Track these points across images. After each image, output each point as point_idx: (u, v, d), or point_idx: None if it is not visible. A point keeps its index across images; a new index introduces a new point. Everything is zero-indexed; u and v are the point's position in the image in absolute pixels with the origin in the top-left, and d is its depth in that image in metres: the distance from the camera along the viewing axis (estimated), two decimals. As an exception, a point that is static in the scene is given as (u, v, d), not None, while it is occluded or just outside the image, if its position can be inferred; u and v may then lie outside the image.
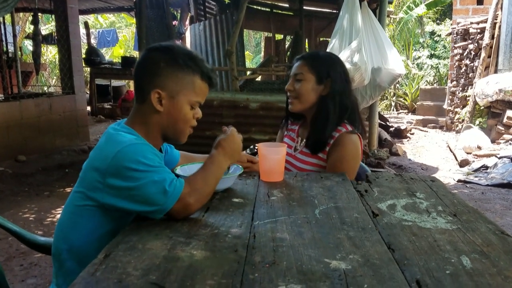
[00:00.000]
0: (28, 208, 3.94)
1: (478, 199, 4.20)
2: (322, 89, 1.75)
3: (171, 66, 1.24)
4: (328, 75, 1.74)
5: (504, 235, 1.07)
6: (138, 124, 1.28)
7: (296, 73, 1.77)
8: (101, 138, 1.28)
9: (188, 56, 1.27)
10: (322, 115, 1.74)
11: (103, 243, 1.03)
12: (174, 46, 1.28)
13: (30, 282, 2.60)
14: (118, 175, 1.13)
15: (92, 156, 1.23)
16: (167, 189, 1.12)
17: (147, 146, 1.20)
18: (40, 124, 5.78)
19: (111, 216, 1.20)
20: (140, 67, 1.28)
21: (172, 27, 7.00)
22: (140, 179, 1.11)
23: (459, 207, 1.26)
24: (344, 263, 0.91)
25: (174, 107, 1.26)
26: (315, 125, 1.76)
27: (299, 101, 1.77)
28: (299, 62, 1.80)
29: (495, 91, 6.40)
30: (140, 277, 0.84)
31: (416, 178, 1.57)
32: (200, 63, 1.29)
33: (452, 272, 0.88)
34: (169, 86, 1.24)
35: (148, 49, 1.31)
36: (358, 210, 1.23)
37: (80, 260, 1.20)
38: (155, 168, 1.15)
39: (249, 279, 0.85)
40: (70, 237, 1.24)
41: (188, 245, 1.00)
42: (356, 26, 4.51)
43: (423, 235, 1.06)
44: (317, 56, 1.82)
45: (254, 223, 1.15)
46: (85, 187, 1.21)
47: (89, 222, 1.22)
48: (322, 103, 1.75)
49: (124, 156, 1.13)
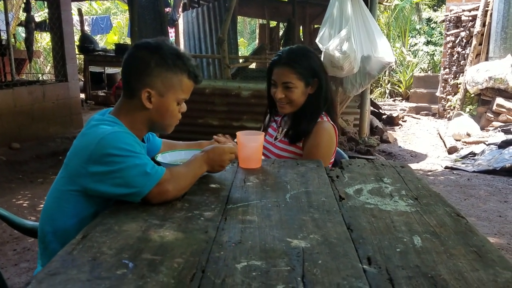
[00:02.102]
0: (22, 195, 4.02)
1: (463, 185, 4.29)
2: (309, 89, 1.81)
3: (161, 66, 1.31)
4: (314, 75, 1.78)
5: (459, 217, 1.15)
6: (124, 116, 1.34)
7: (285, 82, 1.77)
8: (85, 125, 1.35)
9: (176, 55, 1.33)
10: (307, 110, 1.80)
11: (84, 226, 1.10)
12: (162, 45, 1.33)
13: (23, 266, 2.69)
14: (100, 162, 1.19)
15: (76, 144, 1.29)
16: (148, 171, 1.20)
17: (129, 134, 1.27)
18: (34, 112, 5.82)
19: (94, 201, 1.27)
20: (130, 65, 1.34)
21: (164, 14, 6.99)
22: (121, 163, 1.19)
23: (422, 191, 1.34)
24: (304, 242, 0.99)
25: (162, 104, 1.34)
26: (299, 118, 1.81)
27: (291, 106, 1.80)
28: (282, 67, 1.77)
29: (485, 79, 6.47)
30: (113, 255, 0.91)
31: (387, 164, 1.64)
32: (188, 62, 1.35)
33: (402, 250, 0.96)
34: (158, 85, 1.31)
35: (136, 46, 1.37)
36: (327, 195, 1.31)
37: (63, 242, 1.26)
38: (136, 154, 1.22)
39: (215, 256, 0.92)
40: (55, 220, 1.31)
41: (161, 227, 1.07)
42: (346, 15, 4.55)
43: (382, 217, 1.13)
44: (300, 58, 1.79)
45: (227, 206, 1.22)
46: (69, 172, 1.28)
47: (73, 206, 1.28)
48: (309, 101, 1.81)
49: (106, 143, 1.19)
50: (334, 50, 4.32)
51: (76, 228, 1.24)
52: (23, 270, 2.64)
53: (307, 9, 8.84)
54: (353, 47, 4.37)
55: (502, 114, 6.25)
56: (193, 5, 8.14)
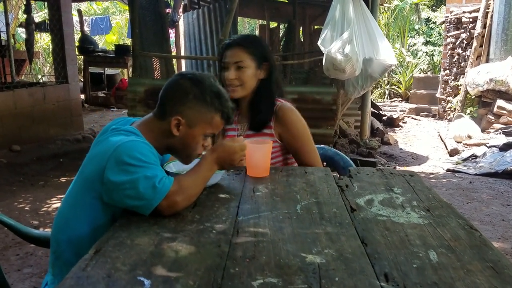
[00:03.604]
0: (23, 198, 4.00)
1: (465, 188, 4.29)
2: (260, 73, 1.83)
3: (198, 100, 1.33)
4: (265, 58, 1.82)
5: (472, 230, 1.14)
6: (148, 131, 1.35)
7: (237, 61, 1.78)
8: (102, 133, 1.36)
9: (216, 94, 1.35)
10: (262, 97, 1.84)
11: (100, 235, 1.11)
12: (205, 80, 1.36)
13: (26, 272, 2.67)
14: (114, 169, 1.20)
15: (92, 151, 1.31)
16: (156, 185, 1.19)
17: (145, 144, 1.27)
18: (34, 114, 5.80)
19: (110, 208, 1.27)
20: (170, 89, 1.37)
21: (165, 15, 6.98)
22: (134, 173, 1.18)
23: (433, 202, 1.33)
24: (319, 257, 0.98)
25: (189, 135, 1.35)
26: (257, 107, 1.85)
27: (242, 88, 1.81)
28: (234, 48, 1.80)
29: (486, 81, 6.47)
30: (128, 272, 0.90)
31: (396, 173, 1.63)
32: (225, 103, 1.37)
33: (419, 266, 0.95)
34: (190, 116, 1.33)
35: (182, 74, 1.41)
36: (338, 206, 1.30)
37: (77, 251, 1.27)
38: (149, 164, 1.22)
39: (230, 273, 0.91)
40: (70, 227, 1.30)
41: (174, 240, 1.06)
42: (348, 17, 4.54)
43: (395, 230, 1.13)
44: (252, 40, 1.85)
45: (238, 218, 1.21)
46: (85, 179, 1.28)
47: (88, 213, 1.28)
48: (261, 86, 1.84)
49: (122, 151, 1.20)
50: (336, 53, 4.31)
51: (91, 236, 1.25)
52: (27, 275, 2.63)
53: (307, 10, 8.81)
54: (355, 50, 4.36)
55: (503, 116, 6.25)
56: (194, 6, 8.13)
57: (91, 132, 6.60)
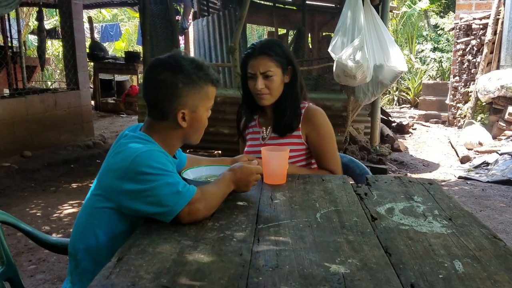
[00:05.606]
0: (35, 204, 4.02)
1: (478, 196, 4.25)
2: (285, 77, 1.84)
3: (188, 85, 1.31)
4: (289, 63, 1.83)
5: (496, 240, 1.12)
6: (157, 135, 1.34)
7: (264, 71, 1.77)
8: (117, 142, 1.35)
9: (197, 69, 1.33)
10: (288, 100, 1.84)
11: (118, 243, 1.11)
12: (180, 61, 1.32)
13: (39, 278, 2.68)
14: (134, 180, 1.19)
15: (109, 161, 1.29)
16: (180, 190, 1.19)
17: (162, 153, 1.27)
18: (45, 120, 5.84)
19: (127, 218, 1.27)
20: (156, 89, 1.32)
21: (175, 22, 7.02)
22: (154, 181, 1.18)
23: (455, 211, 1.31)
24: (343, 267, 0.97)
25: (196, 119, 1.36)
26: (282, 110, 1.85)
27: (272, 96, 1.82)
28: (259, 57, 1.78)
29: (497, 87, 6.43)
30: (152, 280, 0.90)
31: (414, 181, 1.62)
32: (208, 70, 1.35)
33: (445, 276, 0.94)
34: (190, 103, 1.32)
35: (154, 67, 1.33)
36: (358, 214, 1.29)
37: (95, 259, 1.27)
38: (168, 172, 1.21)
39: (254, 282, 0.91)
40: (87, 237, 1.30)
41: (195, 249, 1.05)
42: (359, 24, 4.53)
43: (419, 239, 1.11)
44: (275, 47, 1.81)
45: (258, 226, 1.20)
46: (103, 190, 1.28)
47: (106, 223, 1.28)
48: (286, 90, 1.84)
49: (140, 161, 1.19)
50: (347, 60, 4.30)
51: (108, 245, 1.25)
52: (39, 281, 2.64)
53: (315, 17, 8.82)
54: (366, 56, 4.35)
55: (515, 123, 6.20)
56: (203, 13, 8.17)
57: (102, 138, 6.63)
